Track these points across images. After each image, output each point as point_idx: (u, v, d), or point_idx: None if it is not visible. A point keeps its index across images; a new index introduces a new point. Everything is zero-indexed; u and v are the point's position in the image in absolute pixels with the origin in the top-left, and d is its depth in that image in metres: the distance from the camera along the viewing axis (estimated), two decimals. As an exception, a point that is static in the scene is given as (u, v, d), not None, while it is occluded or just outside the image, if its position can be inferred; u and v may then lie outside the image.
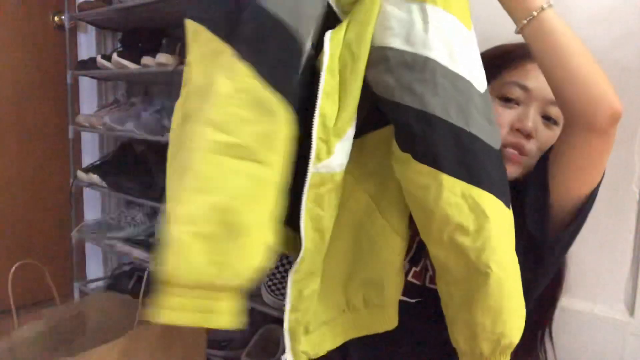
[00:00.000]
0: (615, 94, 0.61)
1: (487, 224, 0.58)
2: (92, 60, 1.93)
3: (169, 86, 2.00)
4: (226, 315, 0.50)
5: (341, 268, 0.71)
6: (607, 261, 1.02)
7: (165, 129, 1.70)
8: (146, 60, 1.68)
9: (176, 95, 0.60)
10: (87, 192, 2.28)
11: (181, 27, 0.66)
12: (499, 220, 0.59)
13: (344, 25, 0.58)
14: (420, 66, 0.56)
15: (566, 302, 0.94)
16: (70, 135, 2.05)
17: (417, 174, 0.59)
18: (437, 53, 0.56)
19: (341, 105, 0.57)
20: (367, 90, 0.60)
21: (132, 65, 1.73)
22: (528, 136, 0.74)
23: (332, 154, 0.57)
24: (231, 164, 0.49)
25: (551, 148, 0.70)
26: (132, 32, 1.86)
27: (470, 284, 0.60)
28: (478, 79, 0.60)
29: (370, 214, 0.70)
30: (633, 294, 1.01)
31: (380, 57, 0.58)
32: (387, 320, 0.73)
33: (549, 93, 0.67)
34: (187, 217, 0.48)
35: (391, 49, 0.57)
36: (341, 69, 0.57)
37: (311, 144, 0.56)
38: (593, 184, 0.68)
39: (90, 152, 2.28)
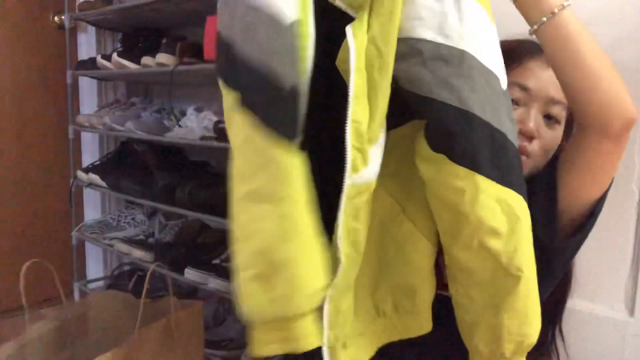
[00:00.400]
0: (631, 98, 0.60)
1: (519, 227, 0.56)
2: (92, 60, 1.93)
3: (169, 86, 1.99)
4: (308, 338, 0.54)
5: (368, 275, 0.66)
6: (607, 261, 1.02)
7: (165, 129, 1.70)
8: (146, 60, 1.67)
9: (176, 96, 0.59)
10: (87, 192, 2.28)
11: (181, 27, 0.66)
12: (527, 222, 0.57)
13: (364, 18, 0.55)
14: (457, 60, 0.54)
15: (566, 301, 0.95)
16: (70, 135, 2.05)
17: (451, 176, 0.56)
18: (473, 47, 0.54)
19: (372, 107, 0.54)
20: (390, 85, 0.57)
21: (132, 65, 1.73)
22: (530, 138, 0.73)
23: (369, 163, 0.54)
24: (257, 210, 0.52)
25: (559, 152, 0.70)
26: (132, 32, 1.86)
27: (498, 287, 0.58)
28: (503, 75, 0.58)
29: (395, 218, 0.66)
30: (633, 294, 1.01)
31: (411, 50, 0.55)
32: (421, 325, 0.69)
33: (549, 92, 0.66)
34: (241, 264, 0.54)
35: (424, 41, 0.54)
36: (368, 67, 0.54)
37: (340, 150, 0.53)
38: (603, 188, 0.67)
39: (90, 152, 2.28)
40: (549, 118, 0.75)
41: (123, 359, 0.91)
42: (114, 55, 1.75)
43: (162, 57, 1.62)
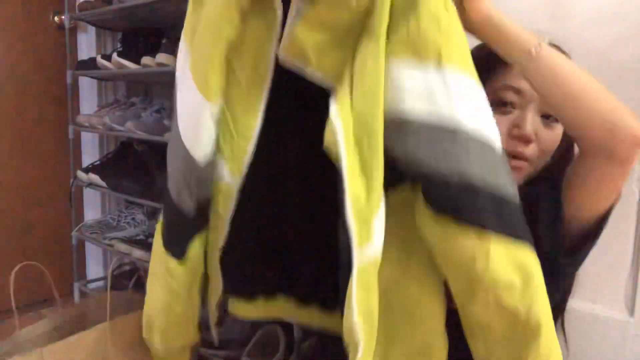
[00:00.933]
0: (635, 117, 0.59)
1: (533, 281, 0.55)
2: (92, 60, 1.93)
3: (169, 86, 1.99)
4: None
5: (379, 343, 0.63)
6: (607, 261, 1.02)
7: (165, 129, 1.70)
8: (146, 60, 1.68)
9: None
10: (87, 192, 2.28)
11: (181, 27, 0.67)
12: (540, 275, 0.57)
13: (345, 94, 0.56)
14: (450, 132, 0.53)
15: (566, 302, 0.95)
16: (70, 135, 2.05)
17: (459, 238, 0.55)
18: (463, 117, 0.54)
19: (368, 181, 0.54)
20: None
21: (132, 65, 1.73)
22: (527, 142, 0.72)
23: (373, 236, 0.54)
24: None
25: (564, 167, 0.68)
26: (132, 32, 1.86)
27: (519, 341, 0.58)
28: (496, 135, 0.57)
29: (399, 282, 0.63)
30: (633, 294, 1.01)
31: (403, 124, 0.54)
32: None
33: None
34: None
35: (415, 114, 0.54)
36: (358, 145, 0.54)
37: (341, 224, 0.53)
38: (611, 201, 0.67)
39: (90, 152, 2.29)
40: (547, 117, 0.73)
41: (96, 342, 0.91)
42: (114, 55, 1.75)
43: (162, 57, 1.63)
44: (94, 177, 1.89)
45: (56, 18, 2.21)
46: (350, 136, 0.54)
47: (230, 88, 0.64)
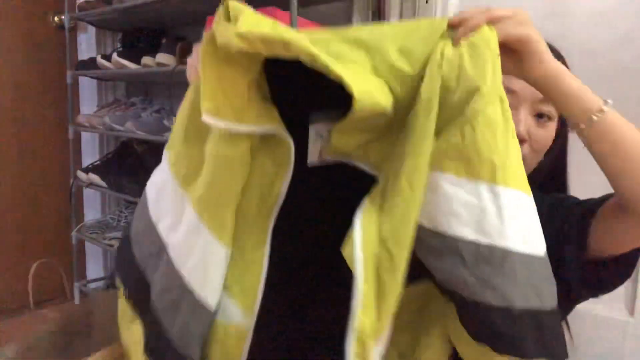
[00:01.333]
0: None
1: None
2: (92, 60, 1.93)
3: (169, 86, 2.00)
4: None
5: None
6: (607, 261, 1.02)
7: (166, 129, 1.70)
8: (146, 60, 1.68)
9: (176, 96, 0.62)
10: (87, 192, 2.28)
11: (181, 27, 0.67)
12: None
13: (373, 209, 0.52)
14: (498, 259, 0.50)
15: (566, 302, 0.94)
16: (70, 135, 2.05)
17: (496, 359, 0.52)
18: (514, 241, 0.50)
19: (380, 311, 0.50)
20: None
21: (132, 65, 1.73)
22: (520, 141, 0.70)
23: None
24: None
25: (557, 167, 0.66)
26: (132, 32, 1.86)
27: None
28: (542, 240, 0.53)
29: None
30: (633, 294, 1.01)
31: (449, 248, 0.51)
32: None
33: (536, 91, 0.65)
34: None
35: (463, 240, 0.50)
36: (377, 267, 0.50)
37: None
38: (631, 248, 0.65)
39: (90, 152, 2.29)
40: (540, 116, 0.73)
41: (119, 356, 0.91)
42: (114, 55, 1.75)
43: (162, 57, 1.63)
44: (94, 177, 1.89)
45: (56, 18, 2.21)
46: (370, 261, 0.50)
47: (236, 223, 0.61)
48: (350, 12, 1.40)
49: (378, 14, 1.33)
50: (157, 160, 0.69)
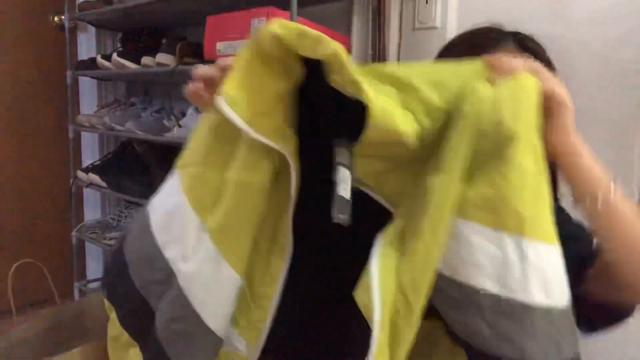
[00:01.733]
0: None
1: None
2: (92, 60, 1.93)
3: (169, 86, 1.99)
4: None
5: None
6: (607, 261, 1.02)
7: (165, 129, 1.70)
8: (146, 60, 1.68)
9: (176, 96, 0.61)
10: (87, 192, 2.28)
11: (181, 27, 0.66)
12: None
13: (391, 253, 0.51)
14: (518, 314, 0.48)
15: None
16: (70, 135, 2.05)
17: None
18: (536, 296, 0.48)
19: (393, 350, 0.49)
20: None
21: (132, 65, 1.73)
22: None
23: None
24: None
25: (587, 261, 0.65)
26: (132, 32, 1.86)
27: None
28: (567, 294, 0.52)
29: None
30: (633, 294, 1.01)
31: (468, 299, 0.49)
32: None
33: None
34: None
35: (484, 292, 0.49)
36: (392, 312, 0.49)
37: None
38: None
39: (90, 152, 2.29)
40: None
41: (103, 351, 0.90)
42: (114, 55, 1.75)
43: (162, 57, 1.62)
44: (94, 177, 1.89)
45: (56, 18, 2.21)
46: (387, 308, 0.49)
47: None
48: (350, 12, 1.40)
49: (378, 14, 1.33)
50: (157, 161, 0.68)
